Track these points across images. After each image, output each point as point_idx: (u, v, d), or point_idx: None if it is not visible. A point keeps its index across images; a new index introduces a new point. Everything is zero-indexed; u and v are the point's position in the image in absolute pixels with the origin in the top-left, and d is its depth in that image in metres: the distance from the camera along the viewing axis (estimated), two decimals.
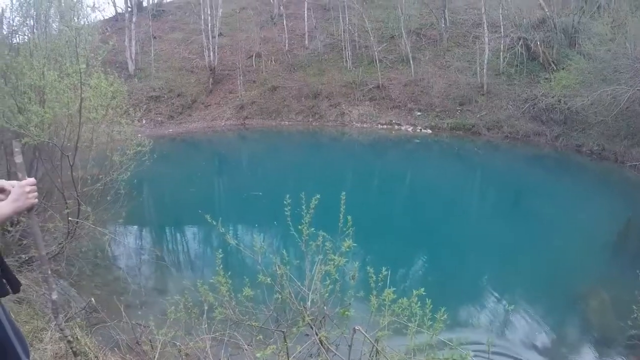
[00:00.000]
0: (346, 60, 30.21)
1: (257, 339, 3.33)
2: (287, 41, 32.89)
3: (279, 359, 3.37)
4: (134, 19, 32.73)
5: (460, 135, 23.75)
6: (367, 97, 27.71)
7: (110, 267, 9.53)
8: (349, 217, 3.30)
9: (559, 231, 11.89)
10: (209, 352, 3.45)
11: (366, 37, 29.60)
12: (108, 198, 8.45)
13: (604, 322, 7.86)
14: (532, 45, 25.27)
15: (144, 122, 25.82)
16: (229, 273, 3.22)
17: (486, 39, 25.22)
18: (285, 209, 3.30)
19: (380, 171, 20.06)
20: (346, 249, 2.97)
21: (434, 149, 23.17)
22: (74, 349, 2.55)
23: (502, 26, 25.81)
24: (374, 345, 2.90)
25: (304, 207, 3.36)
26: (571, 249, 10.87)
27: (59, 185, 7.85)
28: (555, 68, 23.59)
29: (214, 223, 3.43)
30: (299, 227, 3.25)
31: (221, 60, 31.90)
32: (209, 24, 31.13)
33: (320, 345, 3.11)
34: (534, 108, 22.40)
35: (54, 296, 2.38)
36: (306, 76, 29.77)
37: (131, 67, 30.89)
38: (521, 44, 25.30)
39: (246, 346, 3.53)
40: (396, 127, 25.67)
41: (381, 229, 11.58)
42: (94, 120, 8.24)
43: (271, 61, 31.95)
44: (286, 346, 3.12)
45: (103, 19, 36.89)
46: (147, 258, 9.70)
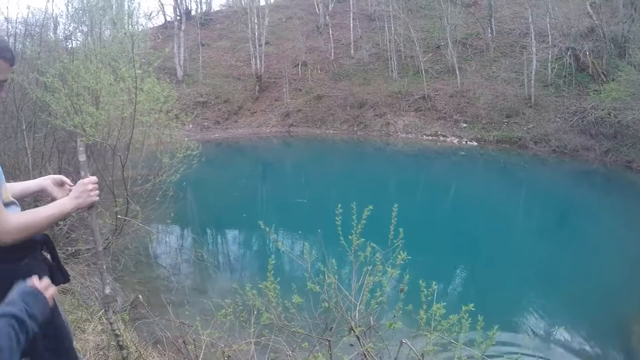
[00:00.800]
0: (392, 70, 30.08)
1: (302, 346, 3.33)
2: (332, 50, 33.07)
3: None
4: (182, 27, 33.64)
5: (506, 148, 23.21)
6: (412, 107, 27.46)
7: (153, 264, 9.73)
8: (400, 229, 3.27)
9: (605, 252, 11.43)
10: (254, 356, 3.47)
11: (412, 46, 29.42)
12: (157, 199, 8.65)
13: None
14: (580, 55, 24.44)
15: (191, 126, 26.39)
16: (277, 279, 3.23)
17: (534, 49, 24.62)
18: (336, 218, 3.30)
19: (424, 183, 19.80)
20: (400, 261, 2.93)
21: (480, 161, 22.69)
22: (120, 343, 2.61)
23: (549, 35, 25.11)
24: None
25: (354, 217, 3.35)
26: (618, 271, 10.42)
27: (110, 183, 8.11)
28: (604, 79, 22.67)
29: (266, 229, 3.45)
30: (349, 237, 3.24)
31: (267, 68, 32.33)
32: (256, 33, 31.65)
33: (365, 357, 3.08)
34: (582, 121, 21.60)
35: (107, 290, 2.44)
36: (352, 85, 29.80)
37: (179, 73, 31.69)
38: (569, 54, 24.52)
39: (290, 352, 3.54)
40: (441, 138, 25.33)
41: (424, 241, 11.42)
42: (146, 123, 8.49)
43: (317, 70, 32.16)
44: (330, 355, 3.11)
45: (153, 26, 38.04)
46: (189, 258, 9.85)
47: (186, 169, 8.83)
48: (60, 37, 16.83)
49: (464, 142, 24.55)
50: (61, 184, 2.22)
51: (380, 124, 27.28)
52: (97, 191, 2.12)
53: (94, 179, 2.12)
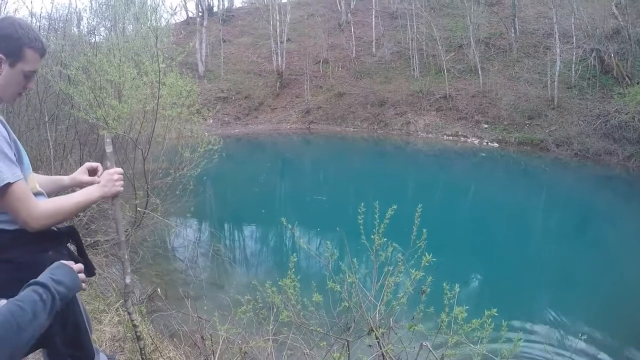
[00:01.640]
0: (413, 69, 29.88)
1: (321, 345, 3.31)
2: (354, 48, 32.98)
3: None
4: (204, 23, 33.85)
5: (527, 150, 22.88)
6: (433, 107, 27.24)
7: (170, 257, 9.79)
8: (424, 230, 3.22)
9: (626, 260, 11.19)
10: (272, 353, 3.46)
11: (434, 45, 29.18)
12: (177, 192, 8.71)
13: None
14: (605, 57, 23.88)
15: (212, 121, 26.56)
16: (298, 277, 3.21)
17: (557, 50, 24.19)
18: (358, 217, 3.26)
19: (444, 184, 19.62)
20: (425, 263, 2.89)
21: (500, 163, 22.41)
22: (138, 334, 2.63)
23: (574, 36, 24.62)
24: None
25: (376, 216, 3.31)
26: (638, 280, 10.19)
27: (130, 176, 8.18)
28: (629, 82, 22.12)
29: (289, 226, 3.43)
30: (371, 236, 3.20)
31: (288, 65, 32.40)
32: (277, 30, 31.74)
33: (383, 358, 3.04)
34: (606, 125, 21.06)
35: (128, 280, 2.46)
36: (373, 84, 29.67)
37: (201, 69, 31.91)
38: (594, 56, 23.98)
39: (308, 351, 3.52)
40: (462, 139, 25.09)
41: (444, 242, 11.29)
42: (168, 117, 8.54)
43: (338, 67, 32.12)
44: (348, 355, 3.08)
45: (175, 22, 38.38)
46: (207, 252, 9.88)
47: (207, 164, 8.87)
48: (84, 31, 17.03)
49: (484, 143, 24.29)
50: (94, 171, 2.25)
51: (400, 122, 27.13)
52: (122, 182, 2.16)
53: (120, 170, 2.18)
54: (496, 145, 23.90)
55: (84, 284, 1.64)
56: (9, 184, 1.69)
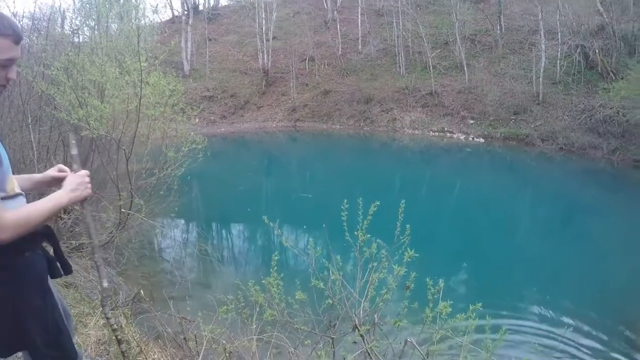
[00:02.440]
0: (399, 66, 29.96)
1: (305, 343, 3.28)
2: (340, 46, 32.98)
3: None
4: (190, 22, 33.62)
5: (513, 145, 23.07)
6: (419, 103, 27.36)
7: (156, 258, 9.73)
8: (407, 225, 3.20)
9: (611, 253, 11.31)
10: (256, 353, 3.42)
11: (420, 42, 29.27)
12: (161, 192, 8.62)
13: None
14: (590, 53, 24.24)
15: (197, 120, 26.36)
16: (281, 275, 3.18)
17: (543, 46, 24.44)
18: (342, 213, 3.23)
19: (430, 179, 19.72)
20: (408, 259, 2.87)
21: (486, 158, 22.57)
22: (118, 337, 2.58)
23: (559, 33, 24.89)
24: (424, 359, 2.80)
25: (360, 212, 3.29)
26: (623, 272, 10.31)
27: (114, 177, 8.08)
28: (614, 78, 22.45)
29: (271, 224, 3.40)
30: (354, 232, 3.18)
31: (274, 63, 32.31)
32: (263, 28, 31.63)
33: (368, 355, 3.02)
34: (590, 119, 21.39)
35: (105, 284, 2.40)
36: (359, 81, 29.70)
37: (186, 68, 31.72)
38: (579, 52, 24.31)
39: (292, 349, 3.49)
40: (448, 134, 25.22)
41: (429, 238, 11.34)
42: (151, 117, 8.45)
43: (324, 65, 32.10)
44: (333, 352, 3.06)
45: (160, 21, 38.09)
46: (193, 252, 9.82)
47: (191, 163, 8.79)
48: (67, 31, 16.83)
49: (470, 139, 24.44)
50: (61, 173, 2.19)
51: (386, 119, 27.20)
52: (90, 185, 2.10)
53: (86, 172, 2.11)
54: (482, 140, 24.05)
55: None
56: None
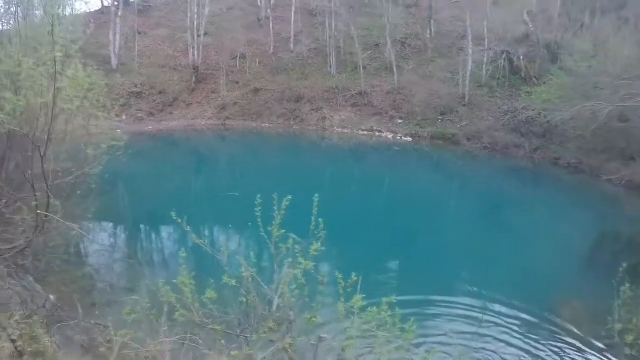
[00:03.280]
0: (330, 66, 30.19)
1: (220, 343, 3.22)
2: (272, 44, 32.78)
3: None
4: (119, 13, 32.29)
5: (440, 144, 23.89)
6: (349, 103, 27.73)
7: (79, 263, 9.29)
8: (320, 220, 3.21)
9: (534, 242, 12.02)
10: (166, 356, 3.32)
11: (351, 43, 29.59)
12: (78, 192, 8.21)
13: (577, 332, 7.89)
14: (515, 59, 25.63)
15: (124, 117, 25.49)
16: (193, 274, 3.10)
17: (470, 51, 25.43)
18: (256, 209, 3.20)
19: (358, 177, 20.11)
20: (314, 252, 2.87)
21: (413, 156, 23.31)
22: (19, 349, 2.40)
23: (486, 39, 26.04)
24: (340, 355, 2.82)
25: (275, 208, 3.26)
26: (546, 260, 10.95)
27: (29, 177, 7.64)
28: (536, 82, 23.99)
29: (179, 221, 3.32)
30: (269, 228, 3.15)
31: (205, 60, 31.66)
32: (195, 23, 30.87)
33: (286, 351, 3.00)
34: (514, 120, 22.62)
35: None
36: (290, 80, 29.65)
37: (114, 62, 30.49)
38: (504, 58, 25.62)
39: (208, 351, 3.41)
40: (377, 133, 25.73)
41: (355, 234, 11.52)
42: (69, 112, 8.04)
43: (255, 63, 31.80)
44: (248, 352, 3.02)
45: (89, 11, 36.38)
46: (118, 256, 9.50)
47: (114, 163, 8.46)
48: None
49: (398, 138, 25.05)
50: None
51: (316, 118, 27.37)
52: None
53: None
54: (410, 139, 24.74)
55: None
56: None
